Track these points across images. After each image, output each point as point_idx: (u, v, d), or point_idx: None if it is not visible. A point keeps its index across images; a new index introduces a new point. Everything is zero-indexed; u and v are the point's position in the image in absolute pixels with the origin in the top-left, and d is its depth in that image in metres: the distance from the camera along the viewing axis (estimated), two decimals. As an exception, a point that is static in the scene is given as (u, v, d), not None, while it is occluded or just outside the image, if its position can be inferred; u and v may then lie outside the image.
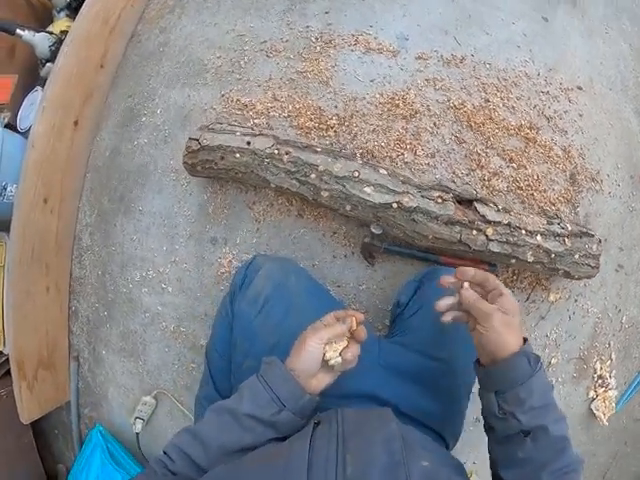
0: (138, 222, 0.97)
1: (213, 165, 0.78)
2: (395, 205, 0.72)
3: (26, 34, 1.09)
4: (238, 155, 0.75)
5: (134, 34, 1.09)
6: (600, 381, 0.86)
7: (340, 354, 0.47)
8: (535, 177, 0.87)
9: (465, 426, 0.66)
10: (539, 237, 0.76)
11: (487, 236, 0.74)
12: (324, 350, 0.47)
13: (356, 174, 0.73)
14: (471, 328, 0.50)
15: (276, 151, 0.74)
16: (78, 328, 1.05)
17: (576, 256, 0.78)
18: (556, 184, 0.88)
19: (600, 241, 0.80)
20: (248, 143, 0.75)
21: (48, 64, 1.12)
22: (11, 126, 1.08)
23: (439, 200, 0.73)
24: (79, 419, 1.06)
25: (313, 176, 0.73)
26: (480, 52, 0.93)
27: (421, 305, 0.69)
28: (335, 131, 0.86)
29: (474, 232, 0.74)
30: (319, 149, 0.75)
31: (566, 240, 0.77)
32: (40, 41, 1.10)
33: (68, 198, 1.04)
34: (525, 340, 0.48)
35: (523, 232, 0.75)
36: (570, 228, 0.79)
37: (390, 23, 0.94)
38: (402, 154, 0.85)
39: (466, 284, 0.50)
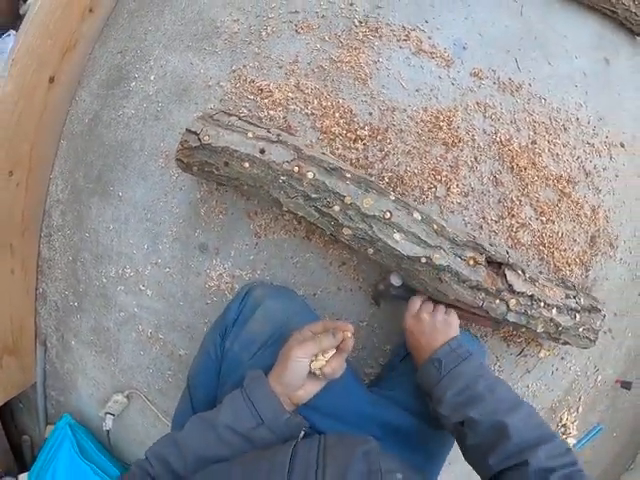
0: (116, 210, 0.66)
1: (214, 170, 0.48)
2: (424, 260, 0.48)
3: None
4: (247, 165, 0.46)
5: (132, -32, 0.69)
6: (563, 429, 0.74)
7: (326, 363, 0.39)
8: (559, 235, 0.66)
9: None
10: (554, 310, 0.57)
11: (508, 306, 0.54)
12: (310, 363, 0.39)
13: (387, 215, 0.47)
14: None
15: (296, 168, 0.46)
16: (46, 312, 0.77)
17: (580, 329, 0.61)
18: (577, 245, 0.67)
19: (604, 317, 0.62)
20: (262, 151, 0.46)
21: (30, 0, 0.70)
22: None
23: (471, 262, 0.51)
24: (45, 399, 0.81)
25: (337, 208, 0.46)
26: (538, 83, 0.65)
27: None
28: (364, 144, 0.58)
29: (497, 301, 0.53)
30: (349, 175, 0.48)
31: (577, 315, 0.59)
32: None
33: (38, 168, 0.70)
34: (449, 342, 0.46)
35: (542, 304, 0.56)
36: (583, 303, 0.60)
37: (449, 23, 0.63)
38: (434, 187, 0.59)
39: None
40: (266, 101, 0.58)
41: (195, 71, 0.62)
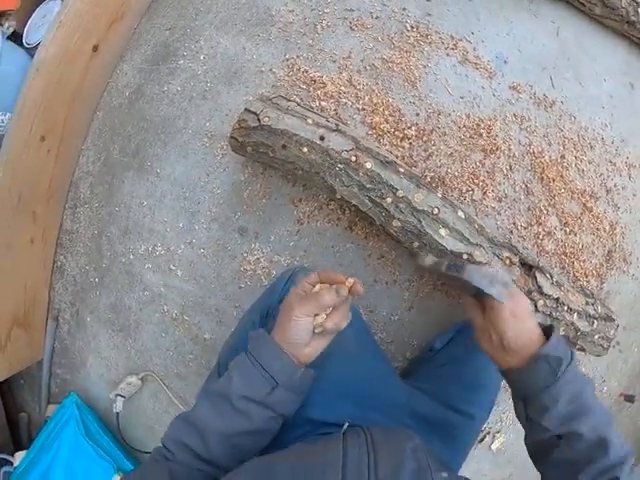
0: (152, 186, 0.68)
1: (269, 152, 0.51)
2: (465, 256, 0.53)
3: None
4: (306, 150, 0.49)
5: (187, -54, 0.72)
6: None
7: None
8: (580, 246, 0.72)
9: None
10: (575, 315, 0.63)
11: (537, 307, 0.59)
12: (314, 319, 0.36)
13: (435, 211, 0.51)
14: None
15: (354, 158, 0.49)
16: (62, 286, 0.76)
17: (596, 337, 0.66)
18: (595, 257, 0.73)
19: (618, 327, 0.68)
20: (322, 138, 0.49)
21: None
22: (17, 36, 0.69)
23: (507, 262, 0.56)
24: (50, 377, 0.80)
25: (389, 200, 0.50)
26: (570, 102, 0.71)
27: (453, 358, 0.56)
28: (410, 143, 0.62)
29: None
30: (402, 170, 0.52)
31: (594, 322, 0.65)
32: None
33: (70, 137, 0.71)
34: (550, 335, 0.39)
35: (565, 308, 0.62)
36: (600, 311, 0.66)
37: (492, 38, 0.68)
38: (472, 190, 0.64)
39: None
40: (318, 92, 0.61)
41: (248, 55, 0.65)
